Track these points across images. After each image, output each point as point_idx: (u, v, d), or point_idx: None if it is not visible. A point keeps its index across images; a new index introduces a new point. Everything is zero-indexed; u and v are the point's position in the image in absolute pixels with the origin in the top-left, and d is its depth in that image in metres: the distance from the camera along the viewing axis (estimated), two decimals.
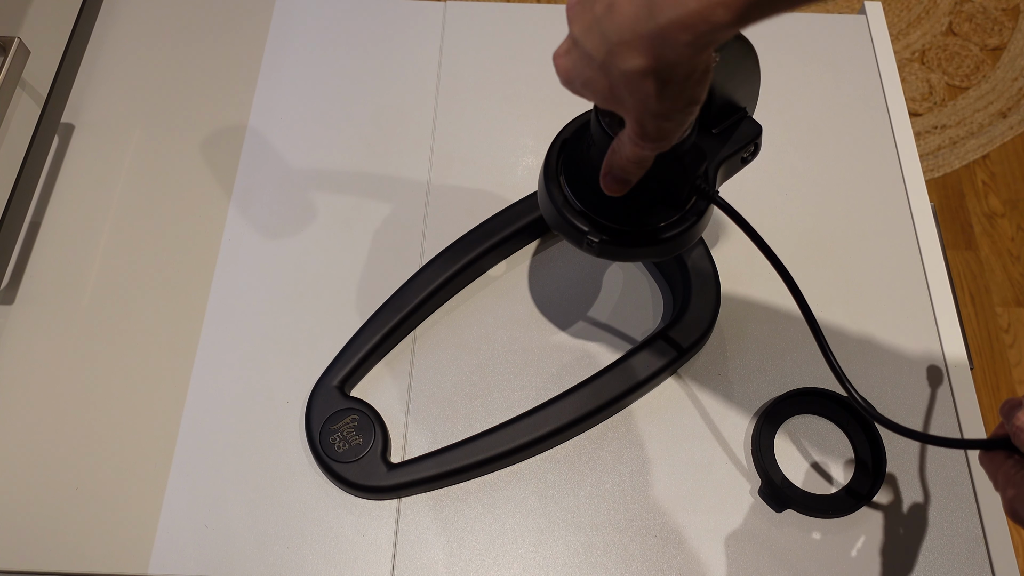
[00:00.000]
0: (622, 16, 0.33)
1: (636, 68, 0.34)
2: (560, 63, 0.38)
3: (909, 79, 1.67)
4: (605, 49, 0.35)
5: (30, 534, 0.54)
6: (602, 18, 0.34)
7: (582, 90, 0.38)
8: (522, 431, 0.55)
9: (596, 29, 0.35)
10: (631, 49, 0.34)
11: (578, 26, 0.36)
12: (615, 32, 0.34)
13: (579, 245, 0.49)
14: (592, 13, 0.35)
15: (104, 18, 0.76)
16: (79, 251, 0.65)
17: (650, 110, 0.36)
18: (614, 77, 0.35)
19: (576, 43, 0.36)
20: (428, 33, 0.76)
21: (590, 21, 0.35)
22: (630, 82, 0.35)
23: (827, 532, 0.54)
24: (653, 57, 0.33)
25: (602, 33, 0.34)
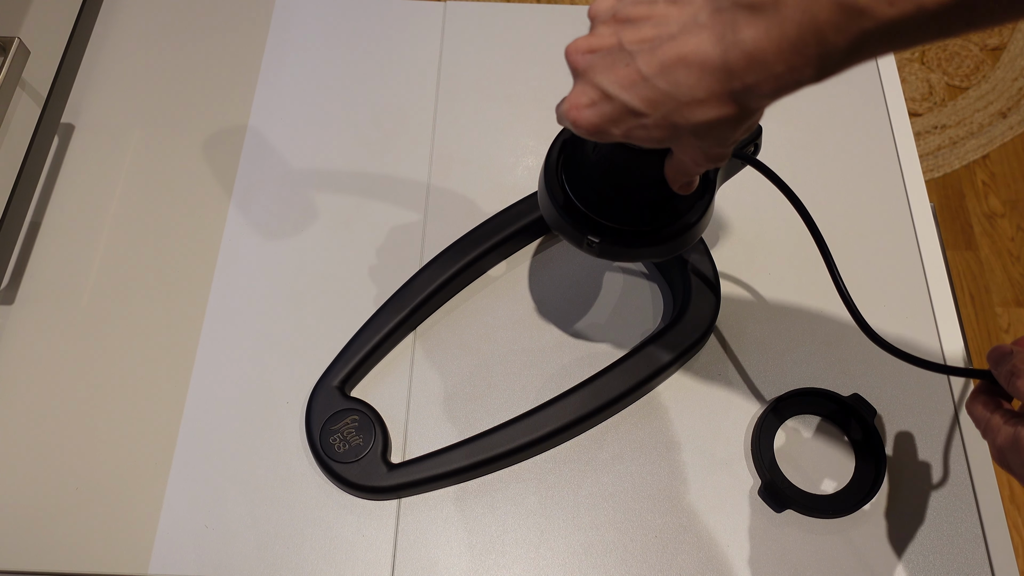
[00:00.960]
0: (692, 78, 0.33)
1: (714, 118, 0.34)
2: (586, 117, 0.37)
3: (909, 79, 1.67)
4: (669, 106, 0.34)
5: (30, 534, 0.54)
6: (656, 77, 0.34)
7: (622, 137, 0.37)
8: (522, 431, 0.55)
9: (647, 86, 0.34)
10: (707, 104, 0.33)
11: (609, 80, 0.35)
12: (685, 92, 0.33)
13: (579, 245, 0.49)
14: (634, 71, 0.34)
15: (104, 18, 0.76)
16: (79, 251, 0.65)
17: (721, 143, 0.36)
18: (681, 127, 0.35)
19: (608, 97, 0.36)
20: (428, 33, 0.76)
21: (633, 79, 0.34)
22: (704, 128, 0.35)
23: (827, 532, 0.54)
24: (735, 108, 0.34)
25: (661, 91, 0.34)
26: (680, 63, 0.33)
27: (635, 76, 0.34)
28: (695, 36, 0.32)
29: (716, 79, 0.32)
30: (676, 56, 0.33)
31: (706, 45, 0.32)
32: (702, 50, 0.32)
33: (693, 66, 0.33)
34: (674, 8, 0.34)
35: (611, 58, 0.36)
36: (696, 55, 0.32)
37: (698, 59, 0.32)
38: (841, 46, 0.31)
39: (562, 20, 0.77)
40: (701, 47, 0.32)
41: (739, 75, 0.32)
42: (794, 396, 0.57)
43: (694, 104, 0.33)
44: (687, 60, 0.33)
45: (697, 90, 0.33)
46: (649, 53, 0.34)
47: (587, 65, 0.37)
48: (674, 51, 0.33)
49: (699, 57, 0.32)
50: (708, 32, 0.32)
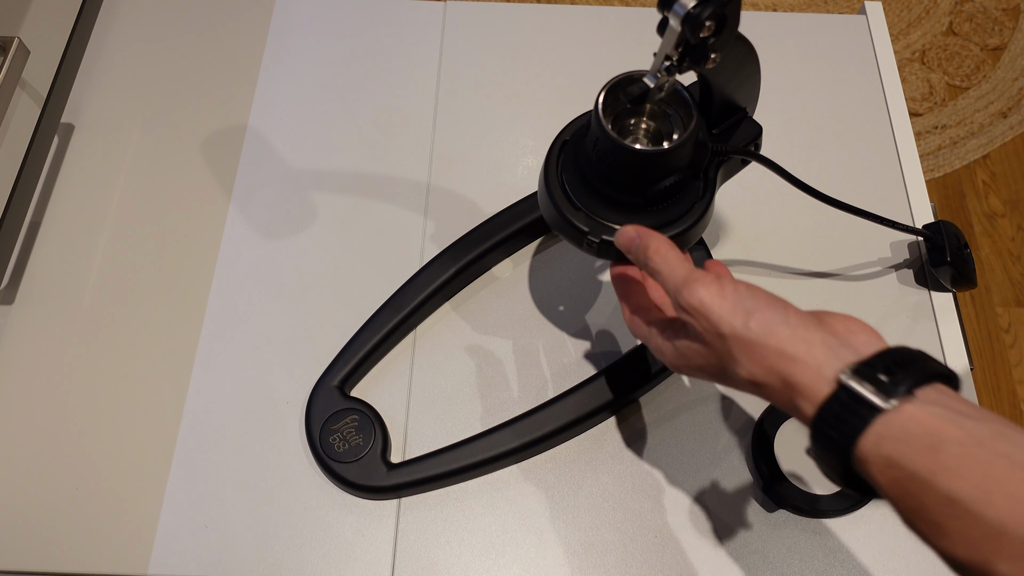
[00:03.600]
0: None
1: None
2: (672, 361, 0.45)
3: (909, 79, 1.67)
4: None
5: (30, 534, 0.54)
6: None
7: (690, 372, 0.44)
8: (522, 431, 0.55)
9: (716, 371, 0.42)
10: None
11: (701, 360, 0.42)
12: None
13: (579, 245, 0.49)
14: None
15: (104, 18, 0.76)
16: (79, 251, 0.65)
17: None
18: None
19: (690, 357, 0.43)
20: (428, 33, 0.76)
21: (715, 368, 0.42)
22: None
23: (827, 532, 0.54)
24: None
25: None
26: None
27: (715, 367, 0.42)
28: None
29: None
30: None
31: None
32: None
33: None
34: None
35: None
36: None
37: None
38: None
39: (562, 20, 0.77)
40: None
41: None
42: None
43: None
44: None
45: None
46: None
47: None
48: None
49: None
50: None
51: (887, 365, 0.34)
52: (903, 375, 0.34)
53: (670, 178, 0.46)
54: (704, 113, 0.48)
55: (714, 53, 0.41)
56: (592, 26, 0.77)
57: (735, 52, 0.45)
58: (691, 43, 0.40)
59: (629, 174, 0.46)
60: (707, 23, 0.39)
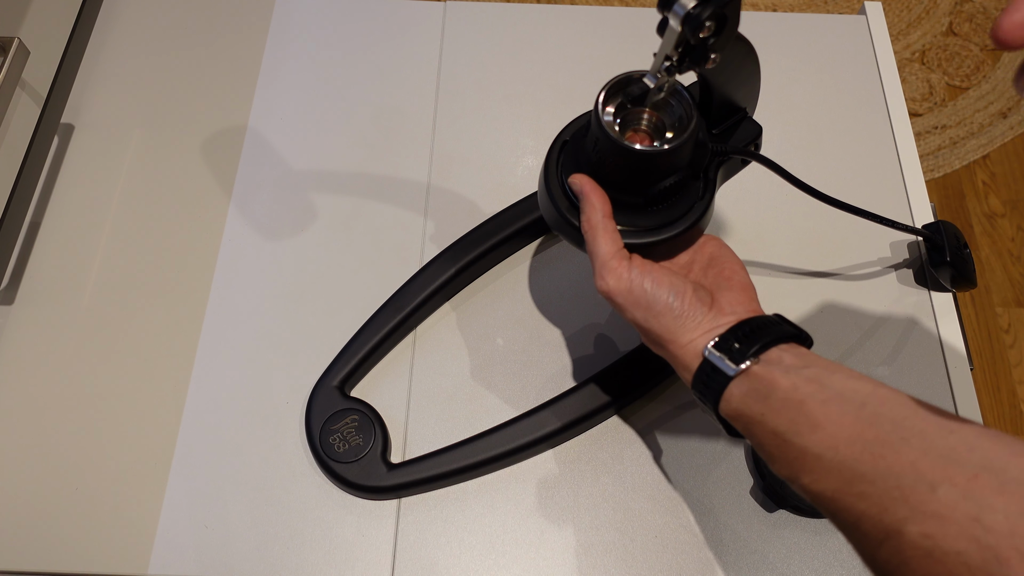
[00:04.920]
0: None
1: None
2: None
3: (909, 79, 1.67)
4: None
5: (30, 534, 0.54)
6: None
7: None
8: (522, 431, 0.55)
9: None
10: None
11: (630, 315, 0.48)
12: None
13: (579, 245, 0.49)
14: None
15: (104, 18, 0.76)
16: (79, 251, 0.65)
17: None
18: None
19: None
20: (428, 33, 0.76)
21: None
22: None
23: (827, 532, 0.54)
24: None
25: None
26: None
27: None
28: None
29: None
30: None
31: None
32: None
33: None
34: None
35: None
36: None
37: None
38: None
39: (562, 20, 0.77)
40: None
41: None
42: None
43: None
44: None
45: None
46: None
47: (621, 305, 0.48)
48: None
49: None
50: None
51: (740, 335, 0.42)
52: (751, 342, 0.42)
53: (670, 178, 0.46)
54: (704, 113, 0.48)
55: (714, 53, 0.41)
56: (592, 26, 0.77)
57: (735, 52, 0.45)
58: (691, 43, 0.40)
59: (629, 174, 0.46)
60: (707, 23, 0.39)
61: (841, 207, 0.55)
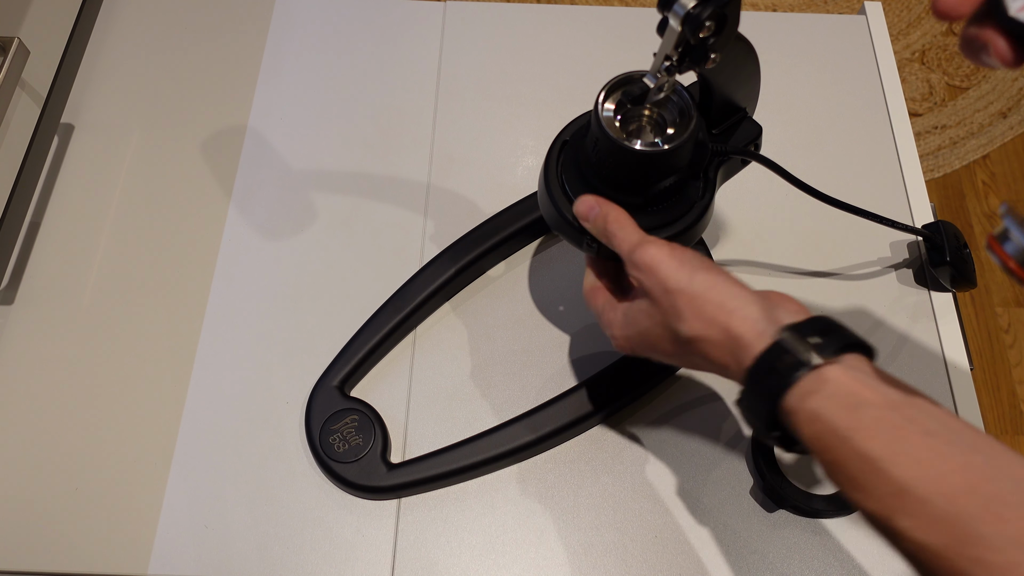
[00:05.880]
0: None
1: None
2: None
3: (909, 79, 1.67)
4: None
5: (30, 534, 0.54)
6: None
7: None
8: (522, 431, 0.55)
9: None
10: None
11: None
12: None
13: (579, 246, 0.49)
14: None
15: (104, 18, 0.76)
16: (79, 251, 0.65)
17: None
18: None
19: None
20: (428, 33, 0.76)
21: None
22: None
23: (828, 532, 0.54)
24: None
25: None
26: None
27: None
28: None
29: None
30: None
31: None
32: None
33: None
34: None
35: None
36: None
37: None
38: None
39: (562, 20, 0.77)
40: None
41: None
42: None
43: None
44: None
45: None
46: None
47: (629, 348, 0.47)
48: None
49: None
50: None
51: (817, 329, 0.38)
52: (830, 339, 0.37)
53: (670, 178, 0.46)
54: (704, 113, 0.48)
55: (714, 53, 0.41)
56: (592, 26, 0.77)
57: (735, 52, 0.45)
58: (691, 43, 0.40)
59: (629, 174, 0.46)
60: (707, 23, 0.39)
61: (841, 207, 0.55)
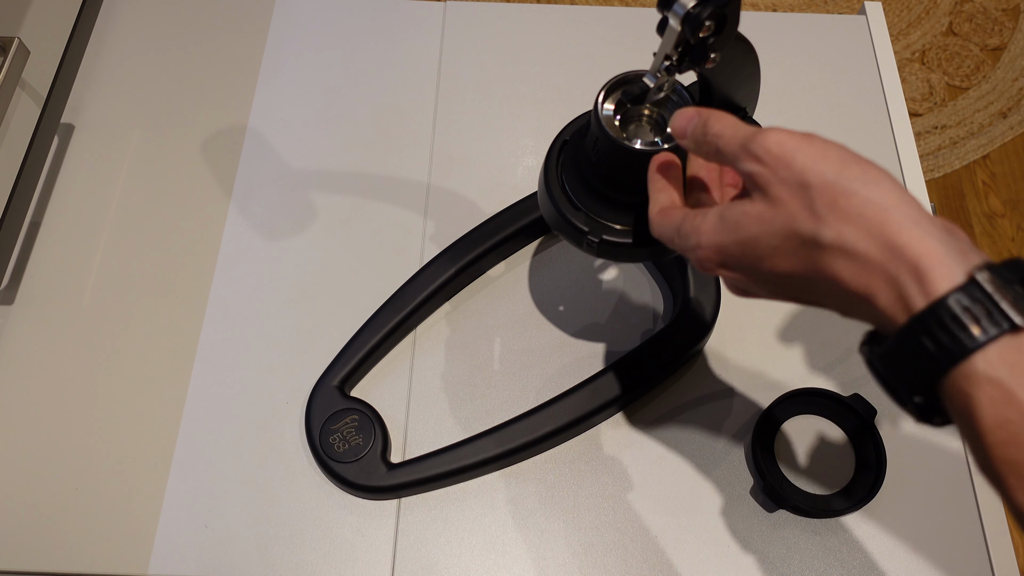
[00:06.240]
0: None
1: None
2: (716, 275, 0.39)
3: (909, 79, 1.67)
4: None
5: (30, 534, 0.54)
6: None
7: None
8: (522, 431, 0.55)
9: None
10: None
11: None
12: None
13: (579, 245, 0.49)
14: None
15: (104, 18, 0.76)
16: (79, 251, 0.65)
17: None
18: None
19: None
20: (428, 33, 0.76)
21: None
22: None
23: (828, 532, 0.54)
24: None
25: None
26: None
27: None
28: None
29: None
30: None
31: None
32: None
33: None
34: None
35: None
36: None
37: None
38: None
39: (562, 20, 0.77)
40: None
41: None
42: (794, 396, 0.57)
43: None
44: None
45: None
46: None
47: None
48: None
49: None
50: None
51: (1022, 276, 0.28)
52: None
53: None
54: None
55: (714, 53, 0.41)
56: (592, 26, 0.77)
57: (735, 52, 0.45)
58: (691, 43, 0.40)
59: (629, 174, 0.46)
60: (707, 23, 0.39)
61: None
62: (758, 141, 0.33)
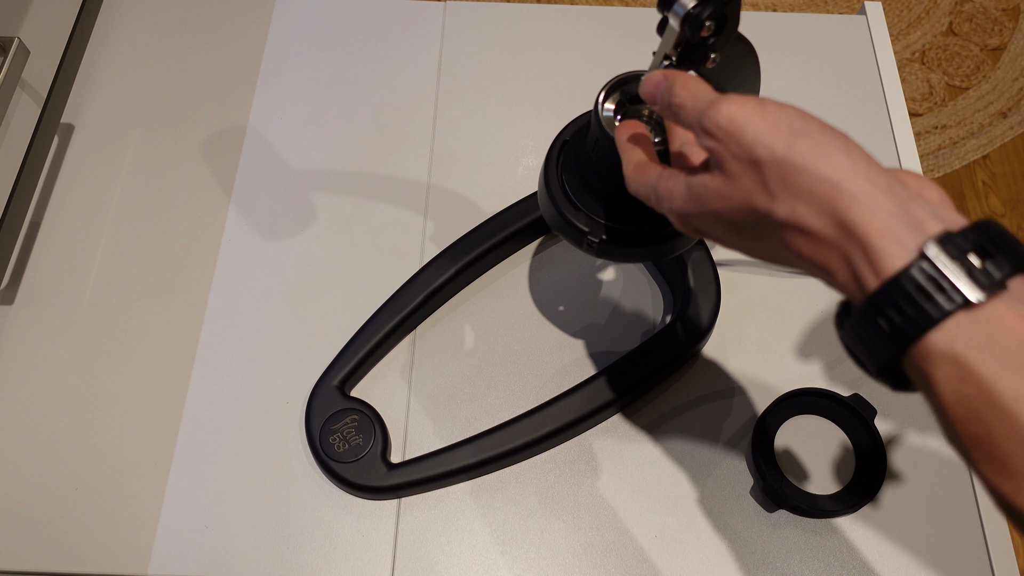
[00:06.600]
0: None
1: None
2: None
3: (909, 79, 1.67)
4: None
5: (30, 534, 0.54)
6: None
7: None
8: (522, 431, 0.55)
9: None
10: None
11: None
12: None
13: (579, 245, 0.49)
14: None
15: (104, 18, 0.76)
16: (79, 251, 0.65)
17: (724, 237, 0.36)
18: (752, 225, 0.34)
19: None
20: (428, 33, 0.76)
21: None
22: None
23: (828, 532, 0.54)
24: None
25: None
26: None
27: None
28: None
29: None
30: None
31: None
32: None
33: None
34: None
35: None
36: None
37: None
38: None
39: (562, 20, 0.77)
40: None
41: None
42: (794, 396, 0.57)
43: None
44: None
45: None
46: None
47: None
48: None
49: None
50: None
51: (980, 243, 0.27)
52: (1000, 260, 0.27)
53: None
54: None
55: (714, 53, 0.41)
56: (592, 26, 0.77)
57: (735, 52, 0.45)
58: (691, 43, 0.40)
59: None
60: (707, 23, 0.39)
61: None
62: (710, 116, 0.33)
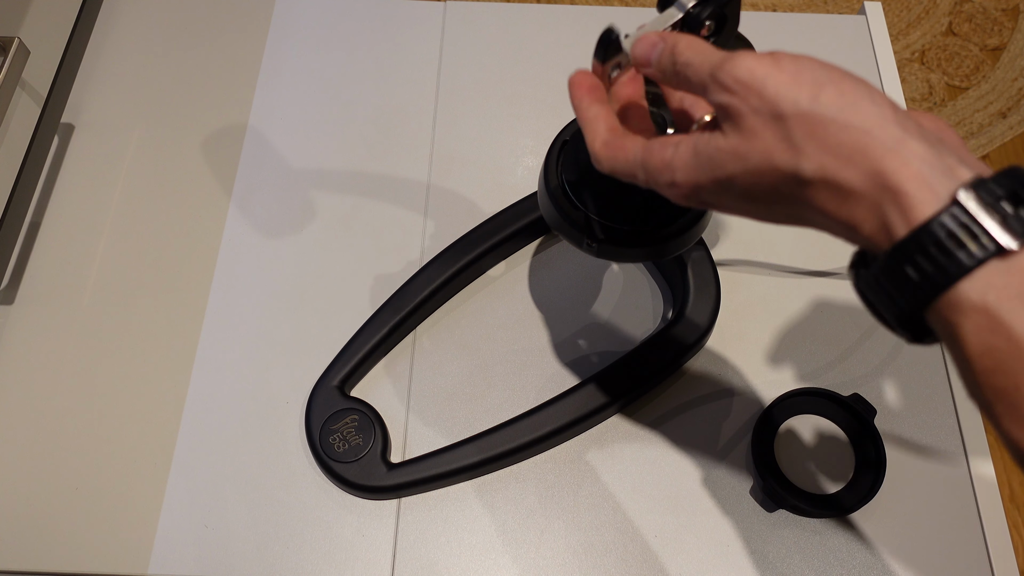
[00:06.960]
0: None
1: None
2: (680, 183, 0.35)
3: (909, 79, 1.67)
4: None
5: (30, 534, 0.54)
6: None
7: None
8: (522, 431, 0.55)
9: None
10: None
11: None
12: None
13: (579, 246, 0.49)
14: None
15: (104, 18, 0.76)
16: (79, 251, 0.65)
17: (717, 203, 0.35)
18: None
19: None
20: (428, 33, 0.76)
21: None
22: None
23: (828, 532, 0.54)
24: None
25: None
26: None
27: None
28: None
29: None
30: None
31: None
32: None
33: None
34: None
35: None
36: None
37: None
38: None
39: (562, 20, 0.77)
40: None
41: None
42: (794, 396, 0.57)
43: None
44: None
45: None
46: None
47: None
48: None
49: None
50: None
51: (1014, 189, 0.27)
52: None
53: None
54: None
55: None
56: (592, 26, 0.77)
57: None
58: None
59: None
60: (707, 23, 0.39)
61: None
62: (727, 69, 0.31)
